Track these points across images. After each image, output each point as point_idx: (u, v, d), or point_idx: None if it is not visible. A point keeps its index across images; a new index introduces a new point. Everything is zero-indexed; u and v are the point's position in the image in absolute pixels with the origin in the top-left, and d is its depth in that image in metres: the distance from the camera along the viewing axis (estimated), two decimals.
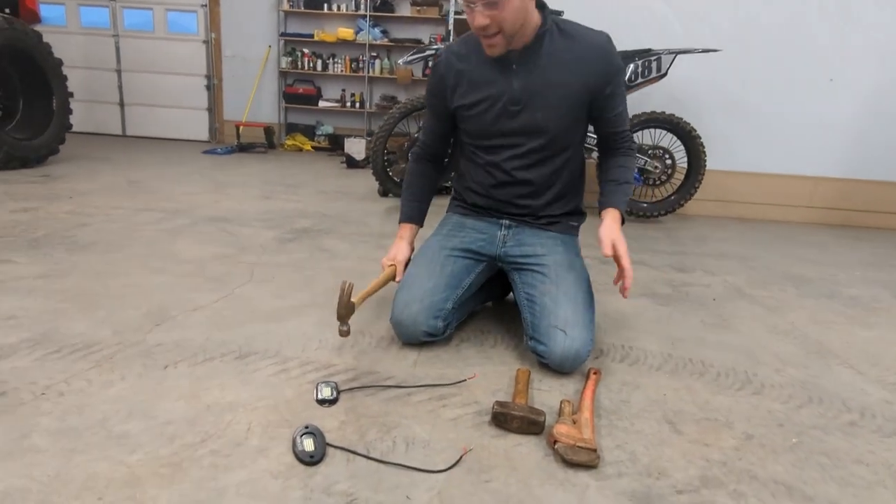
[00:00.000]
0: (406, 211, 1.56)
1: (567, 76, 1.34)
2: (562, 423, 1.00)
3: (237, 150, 6.01)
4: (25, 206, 2.62)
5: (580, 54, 1.33)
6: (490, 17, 1.22)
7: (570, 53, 1.34)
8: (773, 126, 3.67)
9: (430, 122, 1.56)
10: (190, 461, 0.88)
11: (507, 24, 1.24)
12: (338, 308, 1.16)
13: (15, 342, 1.24)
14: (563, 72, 1.34)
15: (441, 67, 1.45)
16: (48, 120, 4.01)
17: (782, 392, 1.27)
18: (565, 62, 1.34)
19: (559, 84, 1.34)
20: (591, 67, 1.34)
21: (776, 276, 2.33)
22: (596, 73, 1.34)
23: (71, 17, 6.75)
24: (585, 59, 1.33)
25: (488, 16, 1.21)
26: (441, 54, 1.46)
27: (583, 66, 1.34)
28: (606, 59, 1.35)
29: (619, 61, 1.38)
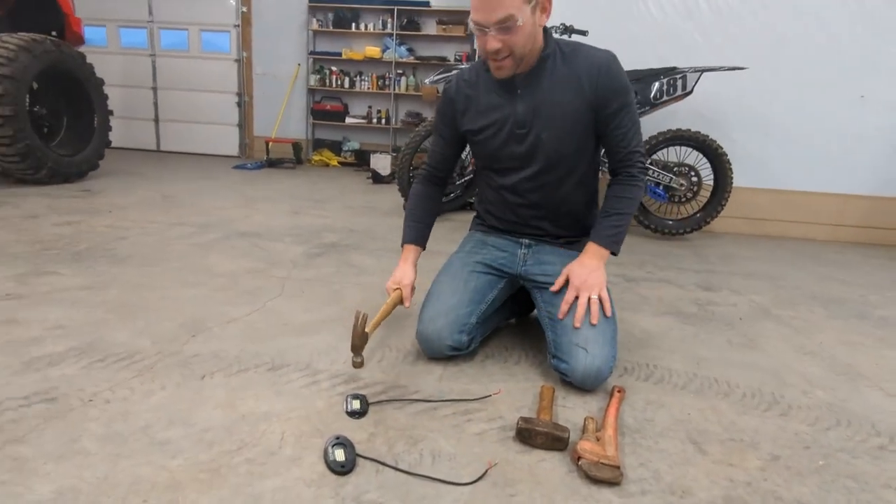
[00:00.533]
0: (409, 233, 1.55)
1: (570, 96, 1.36)
2: (586, 440, 1.02)
3: (266, 166, 6.17)
4: (68, 219, 2.74)
5: (582, 73, 1.35)
6: (502, 42, 1.25)
7: (572, 73, 1.36)
8: (802, 143, 3.63)
9: (437, 145, 1.59)
10: (227, 468, 0.92)
11: (518, 47, 1.27)
12: (352, 339, 1.18)
13: (63, 350, 1.32)
14: (567, 92, 1.36)
15: (451, 92, 1.50)
16: (89, 137, 4.19)
17: (809, 414, 1.26)
18: (568, 82, 1.36)
19: (562, 104, 1.36)
20: (593, 85, 1.34)
21: (804, 295, 2.30)
22: (597, 89, 1.34)
23: (112, 38, 7.06)
24: (587, 77, 1.34)
25: (501, 40, 1.25)
26: (452, 80, 1.52)
27: (585, 85, 1.34)
28: (609, 76, 1.34)
29: (623, 79, 1.36)
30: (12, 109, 3.37)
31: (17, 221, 2.62)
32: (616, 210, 1.42)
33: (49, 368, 1.22)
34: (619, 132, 1.39)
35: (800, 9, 3.46)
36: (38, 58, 3.57)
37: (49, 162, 3.68)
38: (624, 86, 1.36)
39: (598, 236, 1.41)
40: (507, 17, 1.20)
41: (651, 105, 3.18)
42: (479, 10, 1.23)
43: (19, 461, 0.90)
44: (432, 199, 1.62)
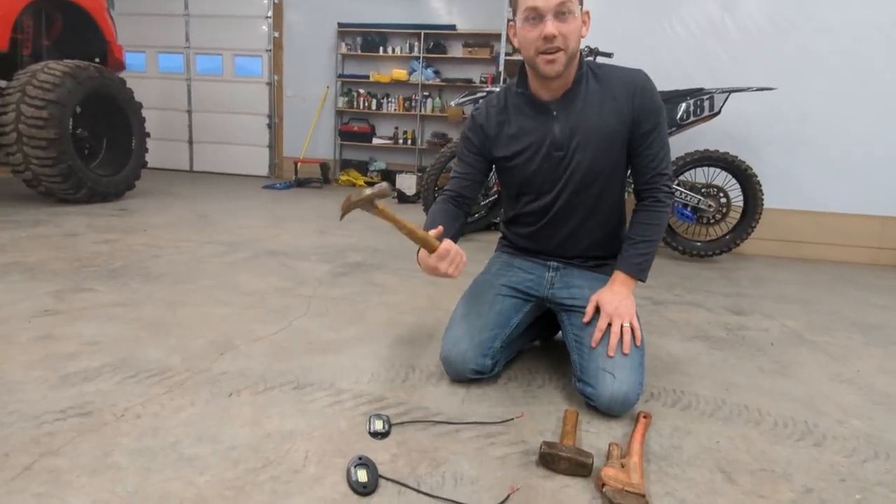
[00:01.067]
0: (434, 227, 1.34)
1: (607, 115, 1.36)
2: (610, 467, 1.00)
3: (294, 186, 6.31)
4: (106, 238, 2.85)
5: (618, 92, 1.35)
6: (558, 29, 1.24)
7: (608, 93, 1.36)
8: (837, 163, 3.55)
9: (462, 170, 1.53)
10: (252, 485, 0.93)
11: (571, 41, 1.27)
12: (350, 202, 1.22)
13: (98, 366, 1.36)
14: (603, 111, 1.36)
15: (480, 118, 1.48)
16: (127, 158, 4.36)
17: (846, 445, 1.22)
18: (604, 102, 1.36)
19: (599, 124, 1.36)
20: (630, 103, 1.35)
21: (841, 321, 2.23)
22: (633, 109, 1.35)
23: (150, 63, 7.37)
24: (624, 96, 1.35)
25: (557, 27, 1.24)
26: (479, 107, 1.50)
27: (622, 104, 1.35)
28: (644, 95, 1.35)
29: (658, 99, 1.36)
30: (56, 132, 3.54)
31: (57, 239, 2.73)
32: (643, 237, 1.41)
33: (84, 383, 1.26)
34: (649, 152, 1.39)
35: (831, 28, 3.42)
36: (82, 83, 3.75)
37: (89, 182, 3.84)
38: (658, 106, 1.37)
39: (625, 264, 1.40)
40: (565, 2, 1.23)
41: (678, 126, 3.16)
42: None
43: (55, 473, 0.93)
44: (452, 215, 1.48)
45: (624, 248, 1.43)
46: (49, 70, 3.59)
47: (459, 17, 6.72)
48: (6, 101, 3.49)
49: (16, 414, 1.11)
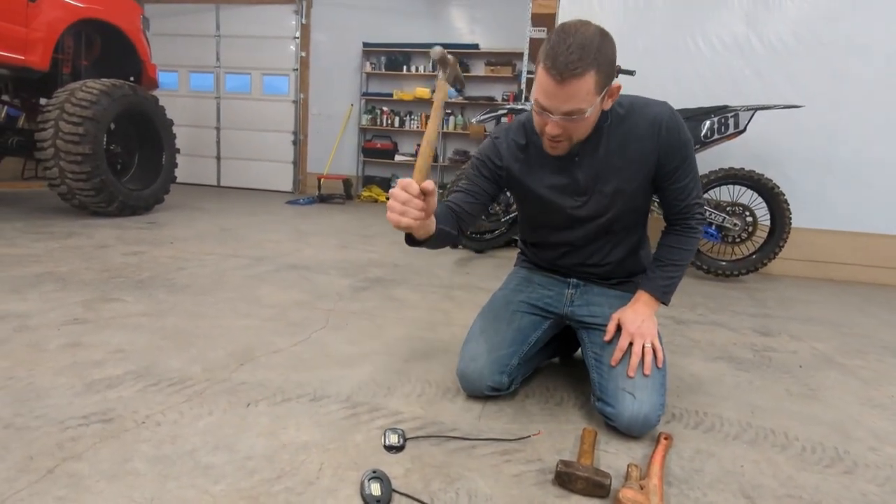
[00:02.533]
0: None
1: (630, 157, 1.31)
2: (628, 488, 0.98)
3: (318, 201, 6.40)
4: (135, 249, 2.92)
5: (643, 132, 1.29)
6: (563, 129, 1.18)
7: (632, 133, 1.30)
8: (868, 182, 3.47)
9: (469, 188, 1.41)
10: (266, 496, 0.94)
11: (579, 133, 1.22)
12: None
13: (122, 374, 1.39)
14: (627, 153, 1.30)
15: (502, 148, 1.40)
16: (157, 173, 4.49)
17: (878, 473, 1.17)
18: (627, 144, 1.30)
19: (623, 168, 1.31)
20: (655, 143, 1.29)
21: (873, 344, 2.15)
22: (657, 148, 1.29)
23: (182, 82, 7.62)
24: (649, 136, 1.29)
25: (562, 127, 1.18)
26: (500, 137, 1.41)
27: (644, 145, 1.29)
28: (669, 132, 1.28)
29: (684, 133, 1.30)
30: (91, 148, 3.67)
31: (89, 250, 2.81)
32: (671, 261, 1.38)
33: (108, 390, 1.29)
34: (678, 186, 1.35)
35: (860, 45, 3.36)
36: (117, 101, 3.90)
37: (120, 196, 3.96)
38: (685, 140, 1.30)
39: (650, 286, 1.38)
40: (576, 110, 1.14)
41: (702, 144, 3.13)
42: (548, 96, 1.14)
43: (76, 478, 0.95)
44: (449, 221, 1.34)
45: (650, 269, 1.41)
46: (87, 88, 3.74)
47: (482, 37, 6.81)
48: (46, 117, 3.63)
49: (42, 418, 1.14)
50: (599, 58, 1.10)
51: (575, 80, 1.09)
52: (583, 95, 1.12)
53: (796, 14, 3.43)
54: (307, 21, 7.18)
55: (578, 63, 1.08)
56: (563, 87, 1.10)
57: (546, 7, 4.35)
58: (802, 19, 3.42)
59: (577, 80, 1.09)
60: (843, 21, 3.37)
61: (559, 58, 1.08)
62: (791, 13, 3.43)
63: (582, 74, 1.09)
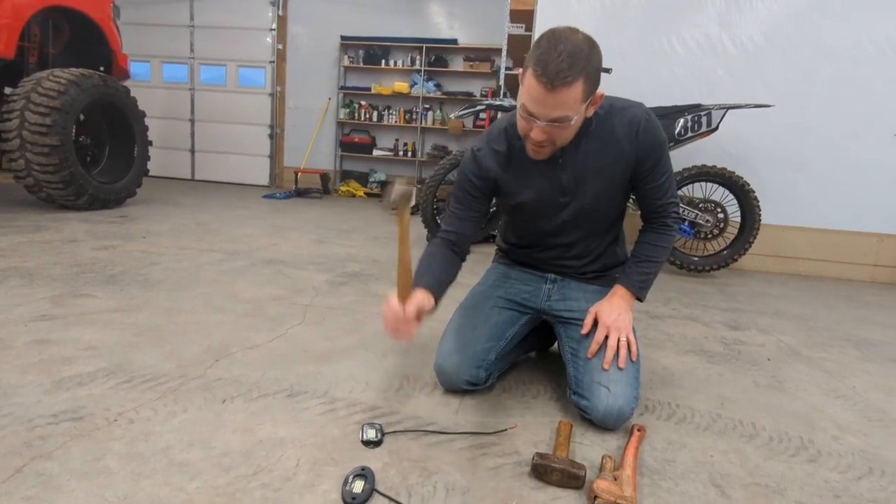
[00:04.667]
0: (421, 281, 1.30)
1: (611, 159, 1.34)
2: (602, 479, 1.00)
3: (294, 195, 6.33)
4: (105, 244, 2.85)
5: (620, 134, 1.32)
6: (548, 134, 1.19)
7: (610, 136, 1.33)
8: (834, 180, 3.58)
9: (461, 212, 1.44)
10: (243, 492, 0.93)
11: (563, 139, 1.23)
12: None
13: (93, 371, 1.36)
14: (607, 155, 1.34)
15: (485, 162, 1.40)
16: (129, 166, 4.38)
17: (840, 461, 1.21)
18: (607, 145, 1.33)
19: (604, 169, 1.35)
20: (632, 144, 1.32)
21: (837, 337, 2.23)
22: (637, 149, 1.33)
23: (155, 73, 7.44)
24: (626, 137, 1.32)
25: (547, 132, 1.19)
26: (482, 149, 1.41)
27: (624, 146, 1.32)
28: (646, 133, 1.32)
29: (659, 134, 1.34)
30: (59, 139, 3.56)
31: (57, 245, 2.73)
32: (648, 257, 1.42)
33: (78, 388, 1.26)
34: (653, 186, 1.39)
35: (828, 47, 3.46)
36: (86, 91, 3.79)
37: (90, 189, 3.85)
38: (660, 141, 1.34)
39: (627, 280, 1.41)
40: (563, 117, 1.15)
41: (676, 141, 3.18)
42: (538, 103, 1.14)
43: (45, 477, 0.93)
44: (446, 262, 1.41)
45: (627, 265, 1.44)
46: (54, 78, 3.62)
47: (461, 32, 6.80)
48: (11, 107, 3.51)
49: (9, 417, 1.11)
50: (588, 67, 1.11)
51: (564, 89, 1.10)
52: (570, 103, 1.13)
53: (767, 16, 3.50)
54: (284, 13, 7.07)
55: (569, 72, 1.09)
56: (553, 95, 1.11)
57: (524, 4, 4.37)
58: (773, 21, 3.50)
59: (566, 88, 1.10)
60: (811, 24, 3.46)
61: (549, 65, 1.09)
62: (762, 15, 3.51)
63: (571, 83, 1.10)
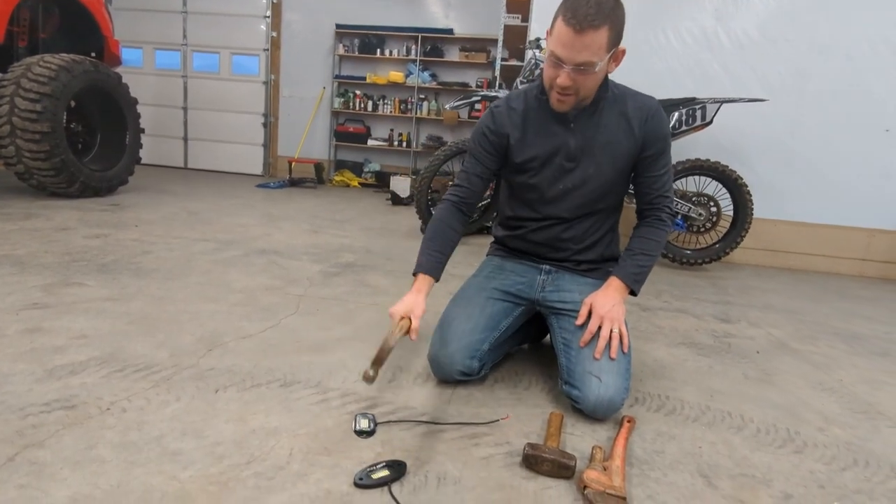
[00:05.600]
0: (426, 261, 1.38)
1: (620, 136, 1.40)
2: (592, 469, 1.01)
3: (288, 185, 6.30)
4: (97, 232, 2.84)
5: (632, 115, 1.39)
6: (574, 81, 1.26)
7: (622, 114, 1.39)
8: (826, 176, 3.60)
9: (474, 168, 1.49)
10: (236, 481, 0.94)
11: (586, 89, 1.30)
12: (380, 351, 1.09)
13: (85, 360, 1.36)
14: (617, 132, 1.40)
15: (502, 118, 1.46)
16: (121, 153, 4.34)
17: (826, 452, 1.23)
18: (618, 122, 1.39)
19: (612, 143, 1.40)
20: (641, 127, 1.39)
21: (825, 331, 2.26)
22: (644, 132, 1.39)
23: (147, 59, 7.35)
24: (637, 119, 1.39)
25: (573, 79, 1.25)
26: (500, 105, 1.48)
27: (634, 126, 1.39)
28: (655, 120, 1.39)
29: (666, 127, 1.42)
30: (50, 126, 3.52)
31: (48, 233, 2.71)
32: (643, 251, 1.44)
33: (70, 377, 1.26)
34: (653, 175, 1.44)
35: (822, 43, 3.47)
36: (77, 77, 3.74)
37: (81, 177, 3.82)
38: (666, 133, 1.42)
39: (622, 273, 1.42)
40: (588, 62, 1.22)
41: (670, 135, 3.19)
42: (564, 46, 1.21)
43: (38, 465, 0.93)
44: (455, 230, 1.46)
45: (623, 258, 1.46)
46: (44, 63, 3.57)
47: (457, 22, 6.76)
48: (1, 93, 3.47)
49: (1, 406, 1.11)
50: (613, 16, 1.20)
51: (592, 31, 1.18)
52: (595, 48, 1.21)
53: (763, 11, 3.50)
54: (278, 0, 7.00)
55: (596, 17, 1.17)
56: (581, 37, 1.19)
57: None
58: (768, 16, 3.50)
59: (593, 31, 1.18)
60: (805, 19, 3.46)
61: (580, 10, 1.18)
62: (758, 9, 3.51)
63: (598, 27, 1.18)
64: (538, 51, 3.18)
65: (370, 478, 0.95)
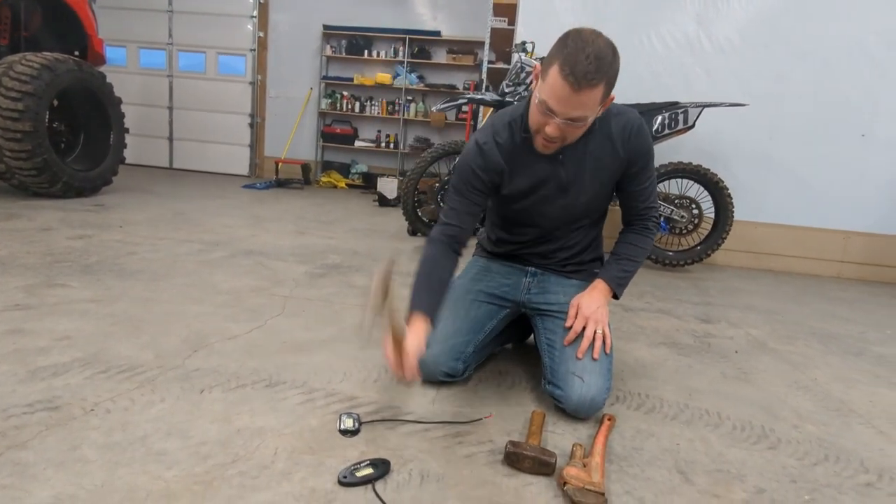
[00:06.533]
0: (422, 299, 1.28)
1: (607, 158, 1.39)
2: (572, 466, 1.03)
3: (275, 186, 6.27)
4: (80, 233, 2.81)
5: (615, 134, 1.37)
6: (562, 131, 1.23)
7: (608, 137, 1.38)
8: (805, 178, 3.68)
9: (462, 206, 1.41)
10: (221, 480, 0.95)
11: (574, 137, 1.28)
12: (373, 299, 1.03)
13: (69, 361, 1.35)
14: (604, 154, 1.38)
15: (492, 153, 1.39)
16: (105, 153, 4.30)
17: (798, 448, 1.27)
18: (603, 145, 1.38)
19: (600, 167, 1.39)
20: (625, 145, 1.38)
21: (803, 330, 2.31)
22: (628, 151, 1.38)
23: (131, 58, 7.28)
24: (620, 138, 1.37)
25: (562, 129, 1.22)
26: (487, 141, 1.40)
27: (618, 146, 1.38)
28: (638, 137, 1.38)
29: (649, 141, 1.41)
30: (32, 125, 3.48)
31: (30, 233, 2.68)
32: (628, 256, 1.47)
33: (53, 378, 1.26)
34: (638, 189, 1.45)
35: (801, 49, 3.54)
36: (60, 76, 3.70)
37: (64, 176, 3.78)
38: (649, 148, 1.41)
39: (607, 276, 1.45)
40: (581, 116, 1.20)
41: (653, 138, 3.24)
42: (559, 101, 1.17)
43: (21, 466, 0.93)
44: (448, 270, 1.38)
45: (609, 262, 1.50)
46: (26, 62, 3.53)
47: (444, 24, 6.78)
48: None
49: None
50: (610, 71, 1.16)
51: (589, 90, 1.15)
52: (591, 105, 1.18)
53: (743, 16, 3.57)
54: (265, 0, 6.97)
55: (595, 74, 1.13)
56: (578, 95, 1.15)
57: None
58: (748, 21, 3.57)
59: (591, 90, 1.15)
60: (785, 25, 3.54)
61: (578, 66, 1.12)
62: (738, 15, 3.57)
63: (596, 85, 1.14)
64: (524, 54, 3.21)
65: (354, 476, 0.97)
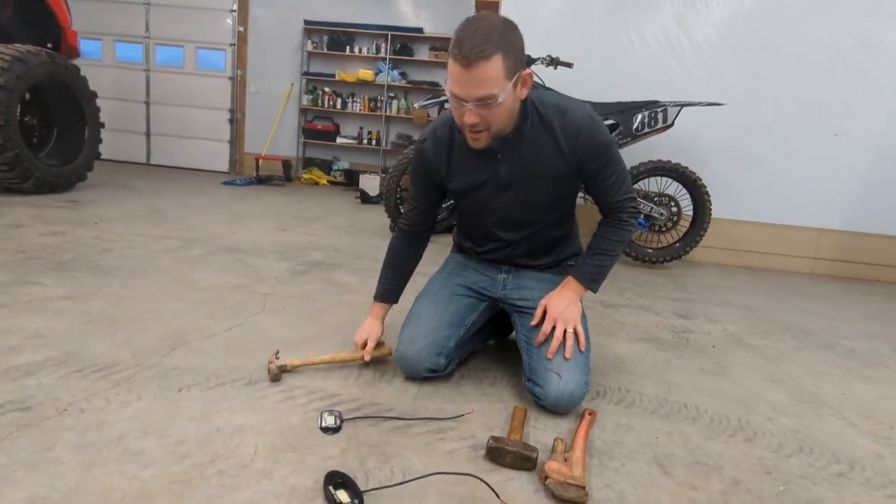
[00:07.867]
0: (382, 290, 1.54)
1: (550, 158, 1.34)
2: (553, 461, 1.04)
3: (255, 182, 6.20)
4: (54, 229, 2.74)
5: (560, 136, 1.32)
6: (480, 116, 1.20)
7: (550, 136, 1.33)
8: (780, 177, 3.75)
9: (416, 201, 1.53)
10: (199, 479, 0.93)
11: (496, 123, 1.23)
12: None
13: (41, 360, 1.32)
14: (546, 154, 1.34)
15: (428, 153, 1.43)
16: (79, 148, 4.20)
17: (773, 440, 1.30)
18: (547, 145, 1.34)
19: (543, 166, 1.35)
20: (572, 148, 1.32)
21: (777, 326, 2.36)
22: (576, 152, 1.33)
23: (107, 52, 7.12)
24: (565, 140, 1.32)
25: (479, 115, 1.19)
26: (426, 139, 1.44)
27: (564, 148, 1.33)
28: (586, 137, 1.32)
29: (601, 137, 1.33)
30: (3, 119, 3.39)
31: (1, 230, 2.61)
32: (602, 250, 1.44)
33: (26, 377, 1.23)
34: (604, 184, 1.39)
35: (777, 49, 3.61)
36: (33, 69, 3.61)
37: (37, 172, 3.69)
38: (603, 143, 1.34)
39: (579, 273, 1.44)
40: (489, 95, 1.15)
41: (633, 136, 3.27)
42: (459, 83, 1.16)
43: None
44: (410, 258, 1.57)
45: (582, 257, 1.47)
46: None
47: (427, 21, 6.76)
48: None
49: None
50: (504, 43, 1.13)
51: (482, 63, 1.12)
52: (492, 80, 1.14)
53: (721, 17, 3.63)
54: None
55: (483, 46, 1.11)
56: (472, 71, 1.13)
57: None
58: (726, 22, 3.62)
59: (484, 62, 1.12)
60: (762, 26, 3.60)
61: (464, 43, 1.12)
62: (717, 16, 3.63)
63: (488, 57, 1.12)
64: None
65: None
